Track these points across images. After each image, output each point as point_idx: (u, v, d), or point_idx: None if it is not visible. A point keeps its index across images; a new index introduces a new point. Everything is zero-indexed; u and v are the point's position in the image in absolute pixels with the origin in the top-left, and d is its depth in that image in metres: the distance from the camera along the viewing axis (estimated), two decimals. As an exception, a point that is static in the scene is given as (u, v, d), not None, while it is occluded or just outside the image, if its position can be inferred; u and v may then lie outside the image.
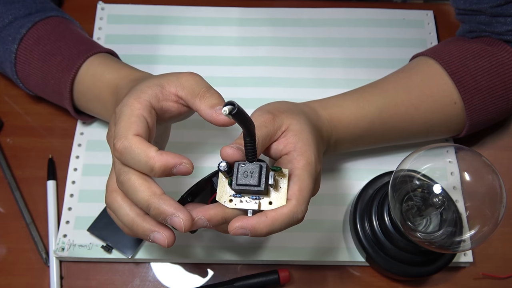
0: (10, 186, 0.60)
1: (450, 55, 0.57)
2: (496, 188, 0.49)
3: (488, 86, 0.56)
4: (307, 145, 0.44)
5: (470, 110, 0.56)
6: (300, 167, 0.43)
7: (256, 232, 0.40)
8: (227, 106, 0.34)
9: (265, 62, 0.68)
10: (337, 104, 0.55)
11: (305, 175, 0.43)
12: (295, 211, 0.41)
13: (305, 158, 0.43)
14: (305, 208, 0.42)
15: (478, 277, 0.58)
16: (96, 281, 0.56)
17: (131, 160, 0.41)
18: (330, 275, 0.58)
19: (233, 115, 0.34)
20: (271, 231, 0.41)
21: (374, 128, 0.56)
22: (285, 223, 0.41)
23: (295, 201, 0.41)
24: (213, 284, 0.56)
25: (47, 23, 0.58)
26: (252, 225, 0.40)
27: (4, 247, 0.58)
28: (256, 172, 0.40)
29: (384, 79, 0.59)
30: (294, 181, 0.42)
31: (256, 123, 0.44)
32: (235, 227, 0.40)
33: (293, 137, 0.45)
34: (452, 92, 0.56)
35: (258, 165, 0.40)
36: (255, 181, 0.40)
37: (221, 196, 0.42)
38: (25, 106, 0.65)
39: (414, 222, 0.52)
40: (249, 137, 0.39)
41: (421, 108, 0.56)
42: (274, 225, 0.41)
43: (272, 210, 0.41)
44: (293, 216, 0.41)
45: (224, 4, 0.72)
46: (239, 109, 0.34)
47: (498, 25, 0.56)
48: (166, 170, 0.40)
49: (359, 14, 0.72)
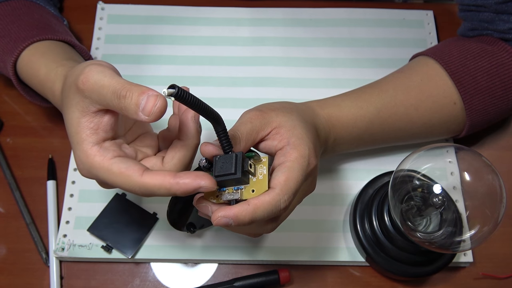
0: (10, 186, 0.60)
1: (450, 55, 0.57)
2: (496, 188, 0.49)
3: (488, 86, 0.56)
4: (301, 139, 0.44)
5: (470, 110, 0.56)
6: (292, 159, 0.43)
7: (238, 220, 0.40)
8: (167, 89, 0.33)
9: (265, 62, 0.68)
10: (336, 104, 0.55)
11: (296, 167, 0.42)
12: (277, 199, 0.41)
13: (298, 151, 0.43)
14: (288, 198, 0.41)
15: (478, 277, 0.58)
16: (96, 281, 0.56)
17: (153, 194, 0.39)
18: (330, 275, 0.58)
19: (176, 98, 0.34)
20: (253, 218, 0.40)
21: (373, 128, 0.56)
22: (267, 210, 0.40)
23: (279, 189, 0.41)
24: (213, 284, 0.56)
25: (9, 5, 0.58)
26: (235, 213, 0.40)
27: (4, 247, 0.58)
28: (232, 161, 0.40)
29: (383, 79, 0.59)
30: (283, 171, 0.42)
31: (242, 119, 0.45)
32: (218, 216, 0.40)
33: (286, 132, 0.45)
34: (451, 92, 0.56)
35: (234, 154, 0.41)
36: (231, 169, 0.40)
37: (208, 195, 0.42)
38: (25, 106, 0.65)
39: (414, 222, 0.52)
40: (218, 126, 0.39)
41: (420, 108, 0.56)
42: (256, 212, 0.40)
43: (254, 198, 0.41)
44: (275, 204, 0.41)
45: (224, 4, 0.72)
46: (181, 92, 0.34)
47: (501, 23, 0.56)
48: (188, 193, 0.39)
49: (359, 14, 0.72)
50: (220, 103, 0.64)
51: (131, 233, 0.56)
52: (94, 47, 0.68)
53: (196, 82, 0.66)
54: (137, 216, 0.58)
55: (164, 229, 0.57)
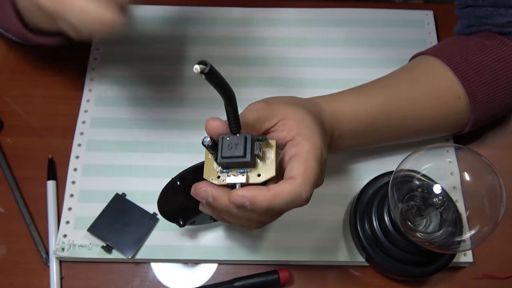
0: (10, 186, 0.60)
1: (451, 52, 0.57)
2: (496, 188, 0.49)
3: (491, 80, 0.56)
4: (312, 131, 0.44)
5: (474, 104, 0.56)
6: (306, 150, 0.42)
7: (255, 203, 0.39)
8: (198, 65, 0.33)
9: (265, 62, 0.68)
10: (340, 99, 0.55)
11: (312, 157, 0.42)
12: (299, 189, 0.40)
13: (310, 142, 0.43)
14: (310, 189, 0.41)
15: (478, 277, 0.58)
16: (96, 281, 0.56)
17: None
18: (330, 275, 0.58)
19: (206, 75, 0.33)
20: (271, 206, 0.39)
21: (378, 123, 0.55)
22: (286, 200, 0.39)
23: (300, 179, 0.40)
24: (213, 284, 0.56)
25: None
26: (253, 195, 0.39)
27: (4, 247, 0.58)
28: (241, 143, 0.39)
29: (386, 76, 0.59)
30: (300, 162, 0.41)
31: (247, 109, 0.45)
32: (236, 194, 0.39)
33: (295, 123, 0.44)
34: (456, 87, 0.56)
35: (243, 136, 0.39)
36: (240, 152, 0.39)
37: (209, 174, 0.41)
38: (25, 106, 0.65)
39: (414, 222, 0.52)
40: (229, 106, 0.38)
41: (424, 103, 0.56)
42: (275, 200, 0.39)
43: (275, 185, 0.40)
44: (296, 195, 0.40)
45: (224, 4, 0.72)
46: (212, 68, 0.33)
47: (499, 17, 0.56)
48: None
49: (358, 14, 0.72)
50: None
51: (131, 233, 0.56)
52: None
53: (196, 82, 0.66)
54: (137, 216, 0.58)
55: (164, 229, 0.57)
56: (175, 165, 0.61)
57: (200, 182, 0.42)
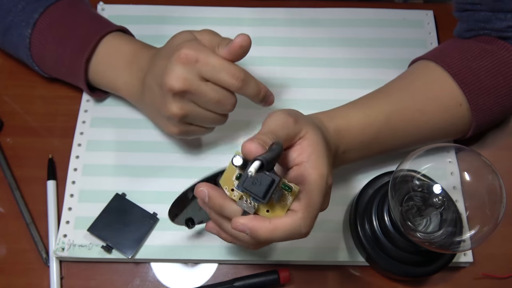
0: (10, 186, 0.60)
1: (451, 57, 0.57)
2: (496, 188, 0.49)
3: (491, 85, 0.56)
4: (321, 158, 0.43)
5: (476, 110, 0.56)
6: (312, 182, 0.42)
7: (255, 233, 0.40)
8: (255, 164, 0.35)
9: (265, 62, 0.68)
10: (343, 115, 0.54)
11: (316, 190, 0.42)
12: (298, 224, 0.40)
13: (317, 171, 0.42)
14: (310, 223, 0.41)
15: (478, 277, 0.58)
16: (96, 281, 0.56)
17: None
18: (330, 275, 0.58)
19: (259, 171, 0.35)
20: (270, 238, 0.40)
21: (382, 135, 0.55)
22: (286, 233, 0.40)
23: (301, 214, 0.41)
24: (213, 284, 0.56)
25: (58, 7, 0.60)
26: (253, 226, 0.40)
27: (4, 247, 0.58)
28: (265, 184, 0.38)
29: (386, 86, 0.59)
30: (304, 195, 0.41)
31: (276, 122, 0.43)
32: (239, 222, 0.40)
33: (308, 147, 0.44)
34: (456, 93, 0.56)
35: (271, 178, 0.37)
36: (261, 193, 0.38)
37: (225, 183, 0.41)
38: (25, 106, 0.65)
39: (414, 222, 0.52)
40: (280, 148, 0.39)
41: (427, 112, 0.56)
42: (274, 232, 0.40)
43: (276, 218, 0.40)
44: (295, 229, 0.40)
45: (225, 4, 0.72)
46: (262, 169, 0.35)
47: (497, 22, 0.56)
48: None
49: (359, 14, 0.72)
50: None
51: (131, 233, 0.56)
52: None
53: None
54: (137, 216, 0.58)
55: (164, 229, 0.57)
56: (175, 165, 0.61)
57: (202, 183, 0.43)
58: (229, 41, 0.51)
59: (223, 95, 0.51)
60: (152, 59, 0.54)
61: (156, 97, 0.53)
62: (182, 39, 0.52)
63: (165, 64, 0.50)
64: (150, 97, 0.54)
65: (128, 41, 0.60)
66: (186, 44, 0.50)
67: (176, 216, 0.52)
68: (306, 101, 0.65)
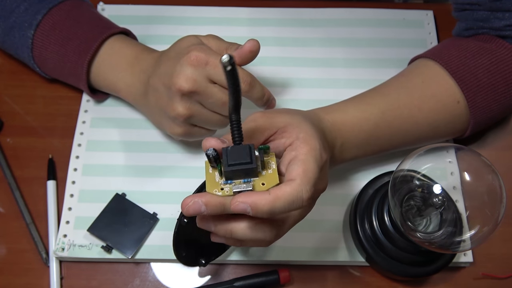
0: (10, 186, 0.60)
1: (449, 55, 0.57)
2: (496, 188, 0.49)
3: (490, 83, 0.56)
4: (310, 135, 0.44)
5: (473, 108, 0.56)
6: (304, 152, 0.43)
7: (257, 208, 0.39)
8: (227, 56, 0.34)
9: (265, 62, 0.68)
10: (339, 109, 0.55)
11: (310, 159, 0.42)
12: (299, 189, 0.40)
13: (309, 144, 0.43)
14: (310, 188, 0.41)
15: (478, 277, 0.58)
16: (96, 281, 0.56)
17: None
18: (330, 275, 0.58)
19: (229, 67, 0.34)
20: (272, 209, 0.39)
21: (379, 131, 0.55)
22: (288, 202, 0.40)
23: (299, 180, 0.40)
24: (213, 284, 0.56)
25: (61, 9, 0.60)
26: (253, 201, 0.39)
27: (4, 247, 0.58)
28: (245, 152, 0.40)
29: (385, 84, 0.59)
30: (299, 164, 0.42)
31: (246, 119, 0.45)
32: (237, 200, 0.39)
33: (293, 129, 0.45)
34: (454, 91, 0.56)
35: (247, 145, 0.40)
36: (247, 158, 0.39)
37: (211, 187, 0.41)
38: (25, 106, 0.65)
39: (414, 222, 0.52)
40: (235, 114, 0.39)
41: (424, 109, 0.56)
42: (276, 203, 0.39)
43: (275, 188, 0.40)
44: (297, 195, 0.40)
45: (225, 4, 0.72)
46: (235, 65, 0.35)
47: (496, 21, 0.56)
48: None
49: (359, 14, 0.72)
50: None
51: (131, 233, 0.56)
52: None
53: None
54: (137, 216, 0.58)
55: (164, 229, 0.57)
56: (175, 165, 0.61)
57: (186, 198, 0.41)
58: (237, 46, 0.53)
59: None
60: (157, 61, 0.55)
61: (161, 98, 0.53)
62: (190, 42, 0.53)
63: (173, 65, 0.51)
64: (154, 98, 0.54)
65: (130, 43, 0.61)
66: (196, 47, 0.51)
67: (184, 257, 0.51)
68: (304, 101, 0.65)
